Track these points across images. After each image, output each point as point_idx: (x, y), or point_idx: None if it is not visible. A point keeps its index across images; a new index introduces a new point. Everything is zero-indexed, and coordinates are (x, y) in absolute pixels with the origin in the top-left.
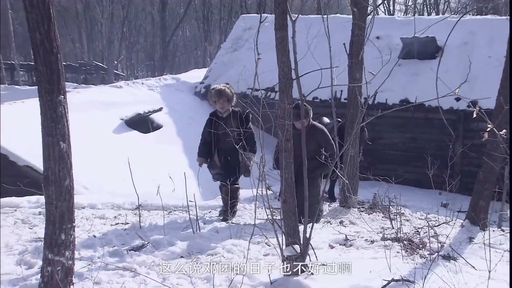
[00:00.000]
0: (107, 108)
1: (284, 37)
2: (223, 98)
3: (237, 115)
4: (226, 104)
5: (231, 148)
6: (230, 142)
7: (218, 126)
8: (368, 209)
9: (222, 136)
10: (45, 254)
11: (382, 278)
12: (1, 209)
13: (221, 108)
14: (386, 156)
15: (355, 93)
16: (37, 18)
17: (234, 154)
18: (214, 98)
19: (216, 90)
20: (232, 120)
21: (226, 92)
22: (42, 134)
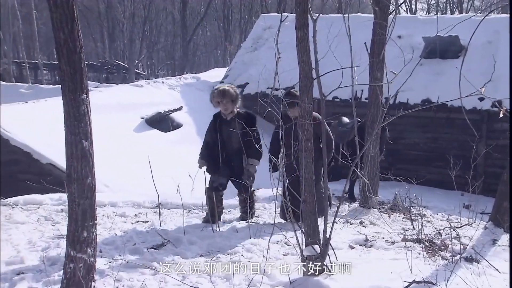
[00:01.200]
0: (128, 107)
1: (305, 36)
2: (226, 99)
3: (242, 117)
4: (230, 105)
5: (235, 152)
6: (235, 147)
7: (222, 129)
8: (389, 209)
9: (227, 140)
10: (67, 251)
11: (403, 279)
12: (25, 206)
13: (225, 110)
14: (407, 157)
15: (376, 93)
16: (61, 18)
17: (239, 160)
18: (217, 99)
19: (219, 90)
20: (236, 122)
21: (230, 93)
22: (65, 133)
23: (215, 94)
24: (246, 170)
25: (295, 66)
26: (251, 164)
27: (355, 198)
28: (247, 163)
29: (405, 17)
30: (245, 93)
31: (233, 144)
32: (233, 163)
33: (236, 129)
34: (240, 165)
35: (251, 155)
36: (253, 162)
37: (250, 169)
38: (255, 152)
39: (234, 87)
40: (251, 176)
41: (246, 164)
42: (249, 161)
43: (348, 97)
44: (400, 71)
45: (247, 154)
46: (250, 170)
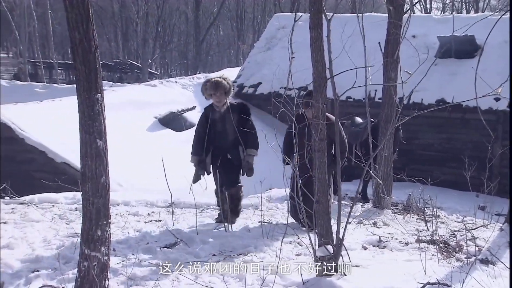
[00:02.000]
0: (141, 106)
1: (319, 36)
2: (220, 91)
3: (236, 108)
4: (223, 98)
5: (231, 145)
6: (230, 139)
7: (215, 122)
8: (402, 210)
9: (222, 133)
10: (81, 249)
11: (417, 281)
12: (40, 204)
13: (218, 102)
14: (421, 157)
15: (390, 93)
16: (76, 18)
17: (235, 152)
18: (210, 91)
19: (211, 82)
20: (231, 114)
21: (223, 84)
22: (79, 132)
23: (207, 87)
24: (246, 162)
25: (309, 66)
26: (250, 154)
27: (368, 199)
28: (246, 154)
29: (420, 16)
30: (258, 92)
31: (228, 136)
32: (230, 155)
33: (231, 121)
34: (237, 157)
35: (250, 146)
36: (252, 153)
37: (249, 160)
38: (253, 141)
39: (226, 77)
40: (251, 168)
41: (245, 155)
42: (247, 151)
43: (362, 97)
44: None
45: (245, 145)
46: (249, 161)
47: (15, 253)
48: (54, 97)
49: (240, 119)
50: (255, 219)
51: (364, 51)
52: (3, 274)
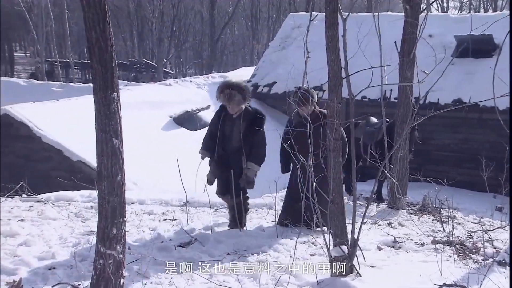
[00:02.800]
0: (156, 105)
1: (335, 35)
2: (232, 104)
3: (248, 116)
4: (236, 107)
5: (234, 152)
6: (234, 145)
7: (225, 124)
8: (418, 211)
9: (228, 137)
10: (97, 247)
11: (433, 282)
12: (56, 202)
13: (231, 110)
14: (437, 157)
15: (406, 93)
16: (93, 18)
17: (237, 160)
18: (222, 102)
19: (224, 95)
20: (241, 121)
21: (236, 99)
22: (95, 130)
23: (220, 98)
24: (244, 175)
25: (324, 65)
26: (249, 168)
27: (383, 199)
28: (246, 167)
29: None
30: (272, 92)
31: (233, 142)
32: (233, 162)
33: (239, 128)
34: (239, 166)
35: (251, 159)
36: (251, 167)
37: (248, 173)
38: (256, 155)
39: (242, 83)
40: (250, 182)
41: (244, 168)
42: (248, 164)
43: (377, 97)
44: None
45: (247, 157)
46: (249, 175)
47: (32, 250)
48: (71, 96)
49: (249, 128)
50: (269, 219)
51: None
52: (21, 270)
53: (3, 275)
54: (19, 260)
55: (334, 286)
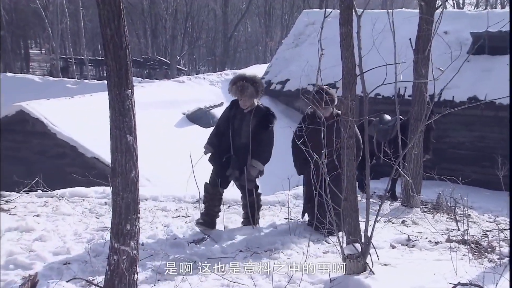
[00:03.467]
0: (169, 102)
1: (349, 32)
2: (244, 97)
3: (259, 113)
4: (248, 101)
5: (242, 148)
6: (242, 141)
7: (235, 119)
8: (432, 209)
9: (236, 131)
10: (111, 243)
11: (447, 281)
12: (70, 198)
13: (243, 105)
14: (452, 155)
15: (420, 90)
16: (108, 15)
17: (245, 157)
18: (235, 95)
19: (237, 87)
20: (251, 117)
21: (249, 91)
22: (110, 127)
23: (233, 90)
24: (247, 172)
25: (337, 63)
26: (253, 166)
27: (397, 197)
28: (249, 164)
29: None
30: (285, 89)
31: (241, 138)
32: (240, 158)
33: (249, 124)
34: (244, 162)
35: (256, 156)
36: (256, 164)
37: (251, 171)
38: (262, 153)
39: (255, 77)
40: (251, 180)
41: (247, 165)
42: (252, 162)
43: (391, 94)
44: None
45: (252, 154)
46: (251, 173)
47: (47, 245)
48: (85, 93)
49: (259, 125)
50: (282, 216)
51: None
52: (37, 265)
53: (19, 270)
54: (35, 255)
55: (347, 284)
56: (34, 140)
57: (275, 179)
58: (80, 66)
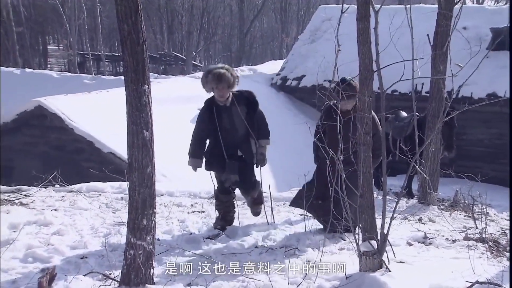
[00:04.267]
0: (185, 98)
1: (366, 28)
2: (222, 84)
3: (241, 98)
4: (226, 91)
5: (242, 140)
6: (240, 134)
7: (221, 118)
8: (449, 207)
9: (230, 129)
10: (128, 237)
11: (465, 279)
12: (87, 193)
13: (220, 96)
14: (469, 153)
15: (438, 86)
16: (125, 10)
17: (247, 147)
18: (212, 84)
19: (213, 74)
20: (238, 106)
21: (226, 77)
22: (127, 123)
23: (208, 79)
24: (260, 154)
25: (354, 59)
26: (262, 146)
27: (413, 194)
28: (259, 146)
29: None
30: (301, 85)
31: (238, 131)
32: (240, 151)
33: (239, 114)
34: (250, 152)
35: (261, 136)
36: (264, 143)
37: (262, 151)
38: (264, 131)
39: (230, 68)
40: (264, 158)
41: (258, 147)
42: (260, 142)
43: (408, 91)
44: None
45: (258, 136)
46: (263, 152)
47: (65, 239)
48: (102, 89)
49: (248, 111)
50: (297, 212)
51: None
52: (55, 258)
53: (37, 263)
54: (53, 248)
55: (363, 281)
56: (52, 135)
57: (291, 175)
58: (97, 62)
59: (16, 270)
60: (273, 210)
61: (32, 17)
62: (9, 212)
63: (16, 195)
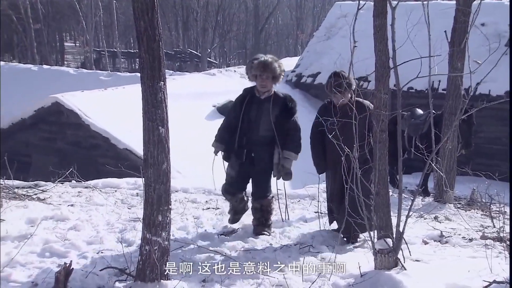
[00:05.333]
0: (200, 95)
1: (383, 24)
2: (267, 73)
3: (280, 101)
4: (269, 83)
5: (261, 143)
6: (261, 134)
7: (250, 109)
8: (466, 205)
9: (253, 124)
10: (143, 233)
11: (482, 278)
12: (103, 189)
13: (262, 86)
14: (487, 151)
15: (456, 84)
16: (142, 7)
17: (266, 153)
18: (255, 71)
19: (260, 62)
20: (271, 105)
21: (272, 66)
22: (143, 119)
23: (253, 65)
24: (281, 166)
25: (369, 56)
26: (287, 158)
27: (429, 192)
28: (282, 157)
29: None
30: (316, 82)
31: (260, 130)
32: (256, 155)
33: (269, 113)
34: (268, 160)
35: (289, 148)
36: (289, 156)
37: (285, 163)
38: (293, 142)
39: (278, 60)
40: (288, 173)
41: (281, 158)
42: (284, 153)
43: (424, 88)
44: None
45: (284, 147)
46: (285, 165)
47: (81, 234)
48: (118, 85)
49: (281, 115)
50: (311, 210)
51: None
52: (72, 253)
53: (54, 257)
54: (69, 243)
55: (378, 279)
56: (68, 131)
57: (306, 172)
58: (112, 59)
59: (33, 264)
60: (288, 208)
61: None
62: (27, 207)
63: (34, 191)
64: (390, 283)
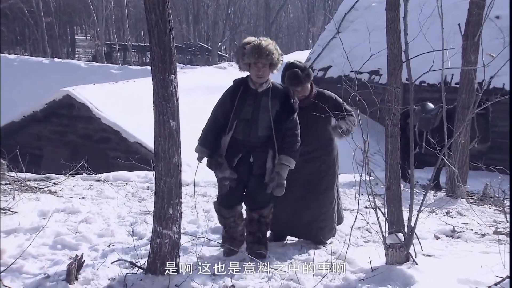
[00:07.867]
0: (210, 88)
1: (396, 17)
2: (263, 60)
3: (279, 94)
4: (266, 71)
5: (258, 144)
6: (258, 134)
7: (244, 105)
8: (478, 200)
9: (249, 122)
10: (154, 226)
11: (495, 274)
12: (114, 182)
13: (259, 77)
14: (500, 145)
15: (469, 77)
16: (153, 0)
17: (262, 156)
18: (249, 59)
19: (253, 46)
20: (270, 99)
21: (269, 50)
22: (154, 112)
23: (246, 51)
24: (275, 173)
25: (381, 49)
26: (283, 163)
27: (441, 187)
28: (278, 163)
29: None
30: (327, 76)
31: (260, 130)
32: (256, 159)
33: (268, 109)
34: (262, 163)
35: (286, 152)
36: (286, 162)
37: (280, 171)
38: (292, 146)
39: (274, 43)
40: (281, 184)
41: (275, 164)
42: (281, 158)
43: (436, 82)
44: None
45: (281, 149)
46: (280, 174)
47: (92, 227)
48: (128, 78)
49: (282, 111)
50: None
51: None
52: (83, 246)
53: (66, 250)
54: (81, 236)
55: (389, 274)
56: (79, 125)
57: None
58: (123, 52)
59: (45, 256)
60: None
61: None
62: (39, 200)
63: (46, 183)
64: (401, 278)
